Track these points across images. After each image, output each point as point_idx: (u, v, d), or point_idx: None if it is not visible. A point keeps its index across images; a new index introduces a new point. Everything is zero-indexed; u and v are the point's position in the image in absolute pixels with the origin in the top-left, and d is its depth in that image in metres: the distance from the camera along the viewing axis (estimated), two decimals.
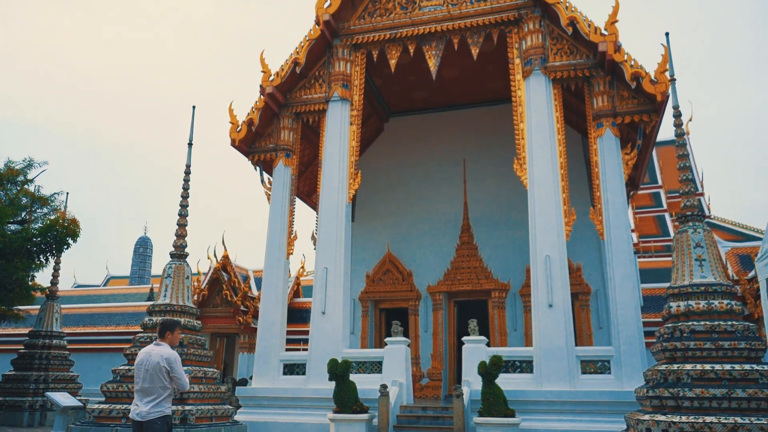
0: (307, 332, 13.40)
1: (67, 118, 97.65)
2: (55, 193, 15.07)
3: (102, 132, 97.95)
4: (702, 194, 31.14)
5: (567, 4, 12.38)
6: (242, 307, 19.92)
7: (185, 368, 10.37)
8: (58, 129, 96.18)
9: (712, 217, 29.03)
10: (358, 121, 14.14)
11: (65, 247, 14.14)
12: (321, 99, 14.23)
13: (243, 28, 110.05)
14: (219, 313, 20.39)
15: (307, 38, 13.95)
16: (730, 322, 8.36)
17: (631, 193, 16.86)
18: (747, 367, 7.89)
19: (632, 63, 11.86)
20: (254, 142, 14.65)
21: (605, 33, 11.98)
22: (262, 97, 14.08)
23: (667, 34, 10.82)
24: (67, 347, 15.69)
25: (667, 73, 11.01)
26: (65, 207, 14.96)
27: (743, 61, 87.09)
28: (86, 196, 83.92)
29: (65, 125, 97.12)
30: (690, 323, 8.52)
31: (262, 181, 14.65)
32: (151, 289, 27.13)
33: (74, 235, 14.08)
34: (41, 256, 14.06)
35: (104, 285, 37.80)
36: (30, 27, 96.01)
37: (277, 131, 14.51)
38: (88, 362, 20.12)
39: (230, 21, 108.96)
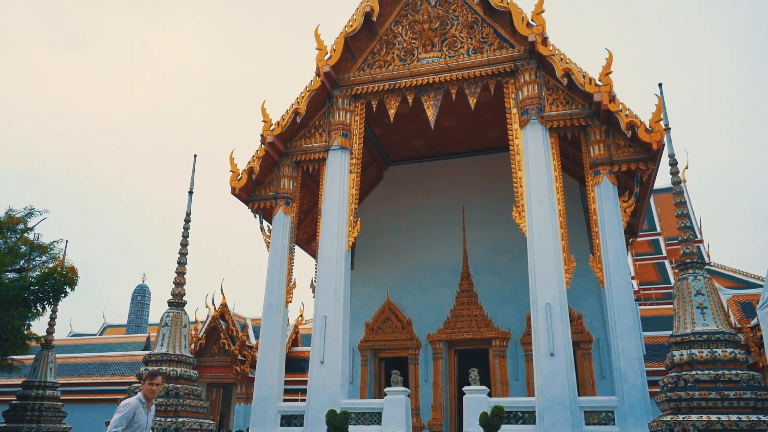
0: (305, 382, 13.19)
1: (67, 167, 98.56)
2: (54, 241, 15.00)
3: (102, 180, 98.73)
4: (701, 241, 31.16)
5: (561, 56, 12.67)
6: (240, 356, 19.66)
7: (181, 419, 10.20)
8: (58, 178, 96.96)
9: (712, 264, 28.97)
10: (358, 170, 14.28)
11: (63, 295, 14.03)
12: (321, 148, 14.41)
13: (244, 77, 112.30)
14: (216, 362, 20.11)
15: (307, 89, 14.24)
16: (734, 371, 8.26)
17: (630, 240, 16.89)
18: (754, 418, 7.75)
19: (627, 112, 12.06)
20: (254, 190, 14.76)
21: (600, 83, 12.23)
22: (262, 146, 14.27)
23: (660, 85, 11.06)
24: (61, 398, 15.38)
25: (662, 123, 11.20)
26: (64, 255, 14.93)
27: (741, 109, 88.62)
28: (85, 244, 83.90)
29: (66, 174, 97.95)
30: (694, 372, 8.41)
31: (262, 228, 14.69)
32: (148, 338, 26.80)
33: (72, 284, 13.99)
34: (38, 305, 13.92)
35: (100, 334, 37.38)
36: (31, 77, 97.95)
37: (277, 179, 14.64)
38: (82, 414, 19.71)
39: (232, 71, 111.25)
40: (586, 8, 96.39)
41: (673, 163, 10.02)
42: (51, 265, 14.28)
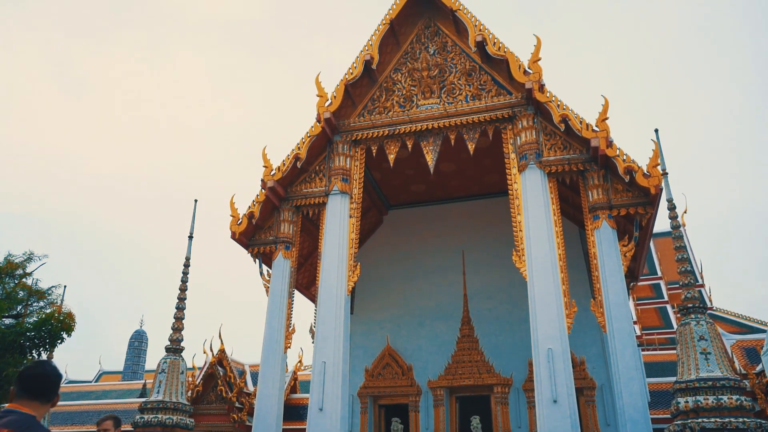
0: (304, 430, 12.94)
1: (69, 211, 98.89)
2: (52, 287, 14.96)
3: (103, 225, 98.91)
4: (702, 285, 30.93)
5: (558, 103, 12.86)
6: (237, 404, 19.30)
7: None
8: (60, 222, 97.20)
9: (714, 308, 28.74)
10: (358, 214, 14.32)
11: (59, 341, 13.87)
12: (321, 192, 14.49)
13: (246, 123, 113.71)
14: (213, 410, 19.72)
15: (308, 134, 14.40)
16: (741, 419, 8.12)
17: (632, 284, 16.79)
18: None
19: (625, 157, 12.14)
20: (254, 234, 14.77)
21: (597, 129, 12.37)
22: (263, 190, 14.35)
23: (656, 131, 11.22)
24: None
25: (659, 167, 11.29)
26: (62, 300, 14.84)
27: (741, 152, 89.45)
28: (84, 289, 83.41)
29: (68, 218, 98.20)
30: (700, 420, 8.26)
31: (261, 273, 14.63)
32: (144, 385, 26.37)
33: (69, 329, 13.86)
34: (34, 351, 13.76)
35: (96, 380, 36.77)
36: (36, 123, 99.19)
37: (277, 224, 14.67)
38: None
39: (233, 117, 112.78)
40: (584, 54, 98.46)
41: (672, 208, 10.07)
42: (48, 311, 14.19)
